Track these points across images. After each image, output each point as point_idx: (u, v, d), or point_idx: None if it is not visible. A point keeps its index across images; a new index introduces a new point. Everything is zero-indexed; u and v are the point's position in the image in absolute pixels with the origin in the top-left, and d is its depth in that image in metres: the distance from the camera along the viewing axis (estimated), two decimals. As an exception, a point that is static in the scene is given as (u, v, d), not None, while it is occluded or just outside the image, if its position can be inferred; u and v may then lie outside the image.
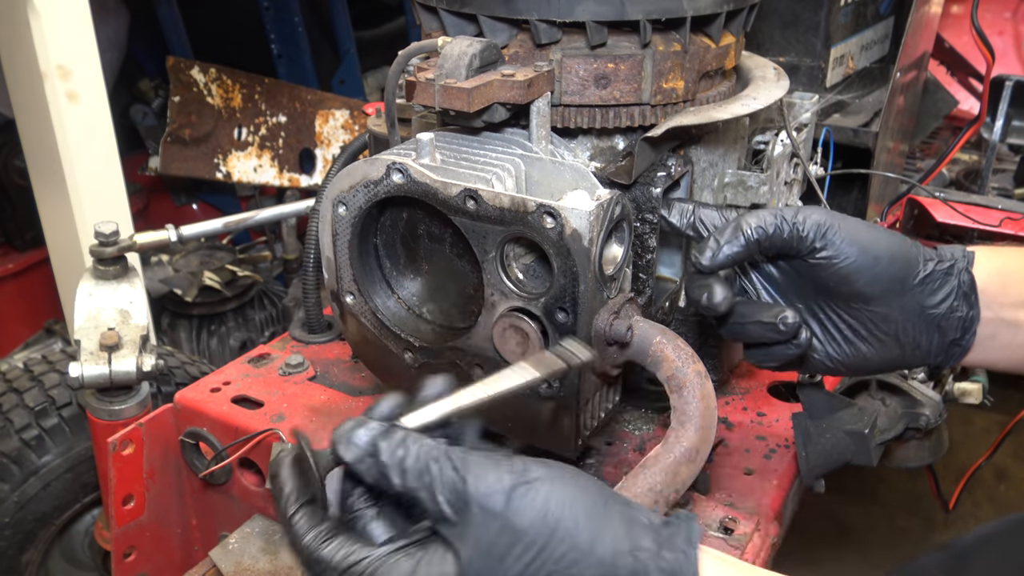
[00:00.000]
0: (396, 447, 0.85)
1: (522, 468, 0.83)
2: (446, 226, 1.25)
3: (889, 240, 1.14)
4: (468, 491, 0.81)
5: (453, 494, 0.82)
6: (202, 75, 3.47)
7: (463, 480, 0.82)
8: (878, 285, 1.13)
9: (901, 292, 1.13)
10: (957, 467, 2.45)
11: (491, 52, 1.21)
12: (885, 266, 1.12)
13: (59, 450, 1.97)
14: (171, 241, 2.08)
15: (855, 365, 1.20)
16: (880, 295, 1.13)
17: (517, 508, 0.80)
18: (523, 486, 0.82)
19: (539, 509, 0.81)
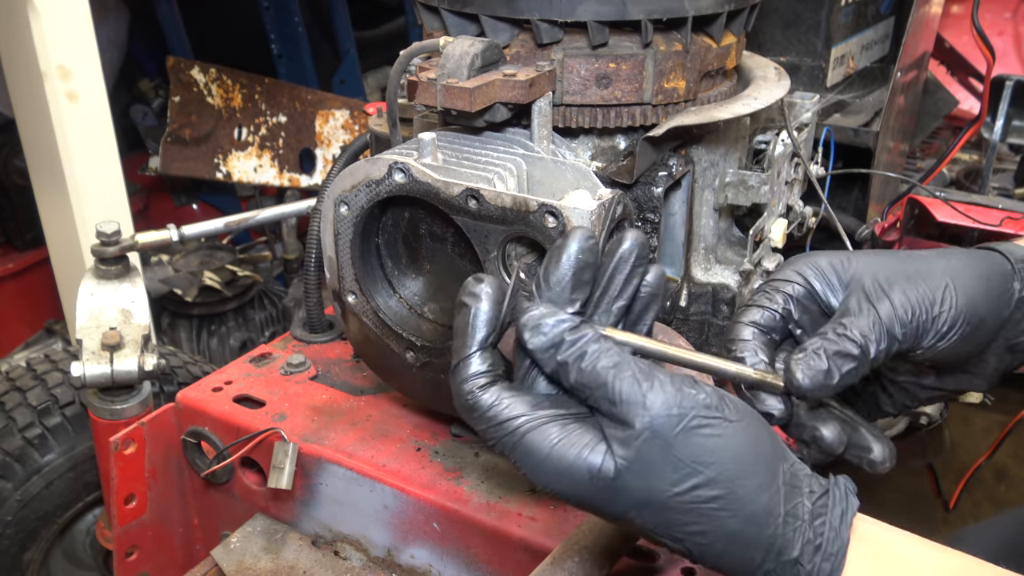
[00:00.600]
0: (581, 345, 0.83)
1: (705, 402, 0.80)
2: (448, 225, 1.25)
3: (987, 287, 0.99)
4: (644, 407, 0.79)
5: (627, 406, 0.79)
6: (202, 75, 3.47)
7: (643, 396, 0.79)
8: (977, 347, 1.01)
9: (993, 341, 1.03)
10: (957, 467, 2.45)
11: (493, 52, 1.21)
12: (988, 325, 0.99)
13: (62, 449, 1.97)
14: (172, 241, 2.08)
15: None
16: (974, 353, 1.03)
17: (686, 441, 0.79)
18: (699, 419, 0.79)
19: (707, 448, 0.79)
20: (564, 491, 0.82)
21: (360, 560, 1.45)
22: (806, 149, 1.61)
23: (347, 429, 1.49)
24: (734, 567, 0.81)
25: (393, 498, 1.37)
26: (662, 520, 0.80)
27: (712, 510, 0.79)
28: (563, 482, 0.81)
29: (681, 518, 0.80)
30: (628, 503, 0.80)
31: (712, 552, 0.81)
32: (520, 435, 0.82)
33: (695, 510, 0.79)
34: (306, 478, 1.46)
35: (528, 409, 0.83)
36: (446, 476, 1.37)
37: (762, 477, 0.81)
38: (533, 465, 0.82)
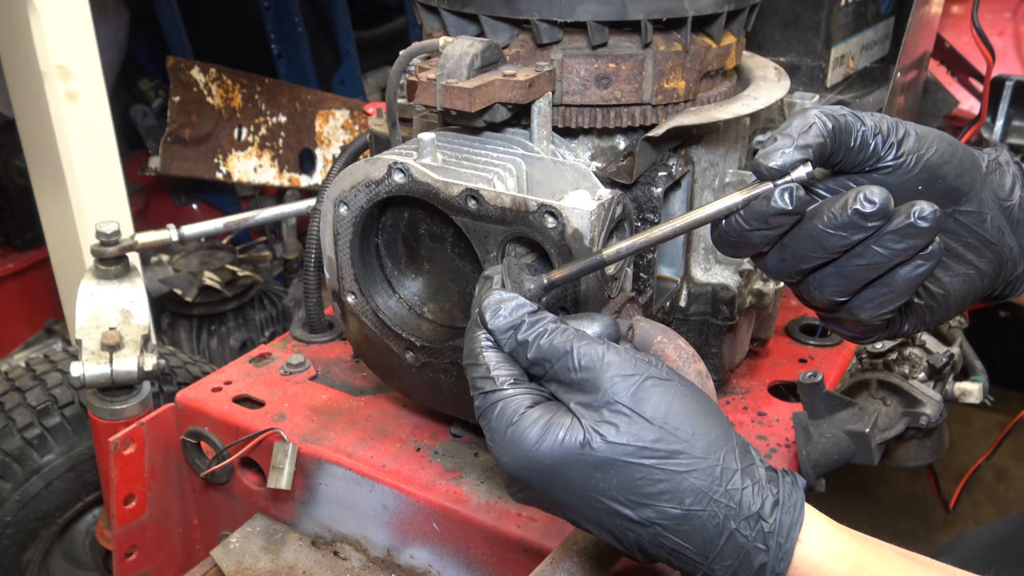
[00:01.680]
0: (541, 325, 0.89)
1: (657, 368, 0.87)
2: (447, 226, 1.25)
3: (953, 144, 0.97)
4: (603, 369, 0.85)
5: (588, 371, 0.85)
6: (202, 75, 3.47)
7: (601, 359, 0.85)
8: (965, 175, 0.96)
9: (982, 181, 0.99)
10: (957, 467, 2.45)
11: (492, 52, 1.21)
12: (962, 153, 0.97)
13: (61, 449, 1.97)
14: (172, 241, 2.08)
15: (962, 294, 1.02)
16: (969, 187, 0.97)
17: (644, 398, 0.84)
18: (653, 380, 0.85)
19: (663, 405, 0.84)
20: (527, 455, 0.85)
21: (360, 560, 1.45)
22: (806, 149, 1.60)
23: (347, 429, 1.49)
24: (700, 531, 0.83)
25: (393, 498, 1.37)
26: (626, 481, 0.83)
27: (673, 465, 0.82)
28: (528, 445, 0.85)
29: (645, 476, 0.82)
30: (594, 466, 0.83)
31: (676, 517, 0.83)
32: (498, 398, 0.88)
33: (657, 467, 0.83)
34: (306, 478, 1.46)
35: (511, 377, 0.89)
36: (445, 476, 1.37)
37: (717, 433, 0.85)
38: (501, 429, 0.86)
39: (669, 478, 0.82)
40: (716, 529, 0.83)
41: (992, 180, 1.01)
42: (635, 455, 0.82)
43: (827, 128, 0.90)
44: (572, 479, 0.85)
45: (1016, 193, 1.02)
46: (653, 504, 0.83)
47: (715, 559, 0.84)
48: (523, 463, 0.85)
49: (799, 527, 0.84)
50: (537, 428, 0.84)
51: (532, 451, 0.84)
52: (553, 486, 0.86)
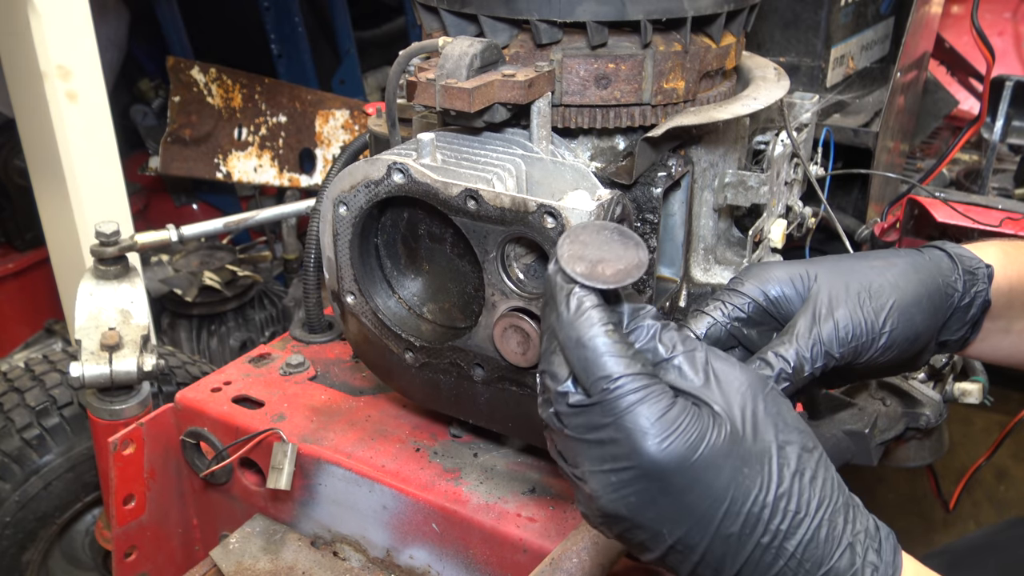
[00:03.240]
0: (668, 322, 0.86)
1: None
2: (447, 226, 1.25)
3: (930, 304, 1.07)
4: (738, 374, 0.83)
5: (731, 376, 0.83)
6: (202, 75, 3.47)
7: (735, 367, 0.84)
8: (910, 358, 1.09)
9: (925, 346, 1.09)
10: (957, 467, 2.45)
11: (492, 52, 1.21)
12: (923, 339, 1.07)
13: (60, 449, 1.97)
14: (172, 241, 2.08)
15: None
16: (906, 363, 1.10)
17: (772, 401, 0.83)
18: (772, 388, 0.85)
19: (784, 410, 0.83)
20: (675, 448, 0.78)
21: (359, 561, 1.45)
22: (806, 149, 1.60)
23: (346, 429, 1.49)
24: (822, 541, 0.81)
25: (392, 499, 1.37)
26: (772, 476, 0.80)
27: (803, 469, 0.81)
28: (678, 436, 0.78)
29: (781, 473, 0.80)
30: (743, 459, 0.79)
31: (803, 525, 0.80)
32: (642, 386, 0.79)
33: (791, 469, 0.81)
34: (305, 478, 1.46)
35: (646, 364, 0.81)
36: (445, 477, 1.37)
37: (821, 449, 0.84)
38: (651, 416, 0.78)
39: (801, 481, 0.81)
40: (834, 542, 0.81)
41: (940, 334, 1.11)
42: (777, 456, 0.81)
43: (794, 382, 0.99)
44: (721, 478, 0.79)
45: (959, 333, 1.12)
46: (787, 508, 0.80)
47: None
48: (675, 456, 0.78)
49: (900, 552, 0.85)
50: (689, 418, 0.79)
51: (688, 444, 0.78)
52: (696, 486, 0.79)
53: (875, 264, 1.07)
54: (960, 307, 1.10)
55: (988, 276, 1.12)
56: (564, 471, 0.85)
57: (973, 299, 1.11)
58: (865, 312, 1.02)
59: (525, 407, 1.23)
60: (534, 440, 1.30)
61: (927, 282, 1.07)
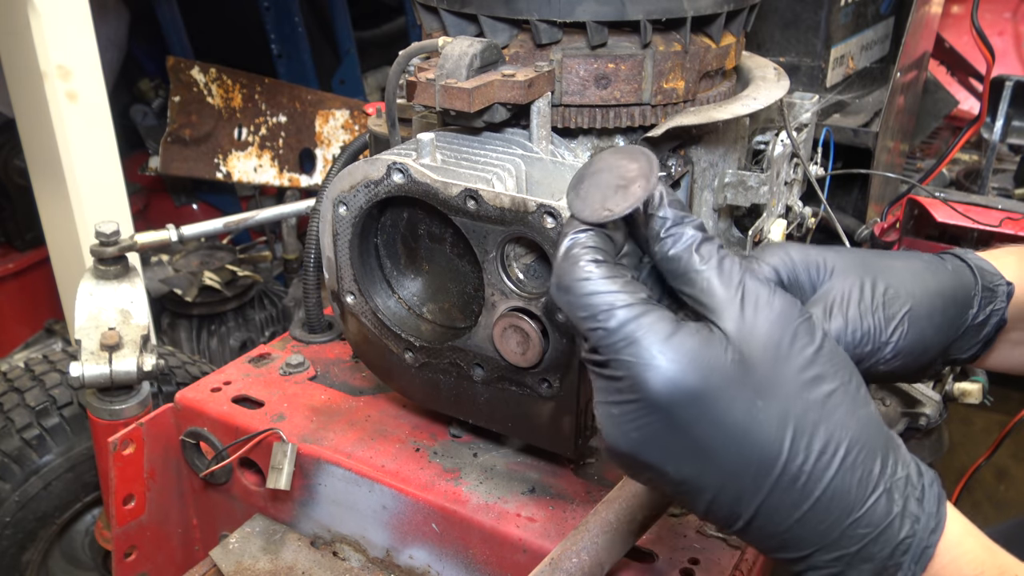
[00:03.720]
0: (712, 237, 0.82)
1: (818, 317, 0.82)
2: (446, 226, 1.25)
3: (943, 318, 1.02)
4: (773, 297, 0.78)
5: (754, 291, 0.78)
6: (202, 75, 3.47)
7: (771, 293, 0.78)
8: (915, 370, 1.04)
9: (932, 360, 1.05)
10: (957, 467, 2.45)
11: (492, 52, 1.21)
12: (931, 353, 1.03)
13: (60, 449, 1.97)
14: (171, 241, 2.08)
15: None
16: (910, 375, 1.06)
17: (807, 329, 0.78)
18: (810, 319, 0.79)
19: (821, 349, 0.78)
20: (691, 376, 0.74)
21: (359, 561, 1.45)
22: (805, 149, 1.60)
23: (346, 429, 1.49)
24: (852, 485, 0.75)
25: (392, 499, 1.37)
26: (787, 411, 0.74)
27: (835, 405, 0.76)
28: (685, 364, 0.74)
29: (806, 413, 0.75)
30: (759, 390, 0.74)
31: (831, 466, 0.75)
32: (641, 312, 0.75)
33: (820, 404, 0.76)
34: (305, 479, 1.46)
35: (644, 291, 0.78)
36: (445, 477, 1.37)
37: (864, 387, 0.80)
38: (649, 346, 0.74)
39: (831, 418, 0.75)
40: (867, 487, 0.76)
41: (952, 347, 1.05)
42: (804, 388, 0.75)
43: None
44: (733, 410, 0.74)
45: (972, 351, 1.07)
46: (812, 447, 0.75)
47: (854, 523, 0.76)
48: (682, 385, 0.73)
49: (945, 501, 0.79)
50: (696, 344, 0.74)
51: (696, 371, 0.73)
52: (704, 419, 0.74)
53: (894, 266, 1.02)
54: (974, 325, 1.05)
55: (1008, 294, 1.06)
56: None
57: (988, 317, 1.06)
58: (875, 318, 0.97)
59: (525, 407, 1.23)
60: (534, 440, 1.30)
61: (944, 294, 1.02)
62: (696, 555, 1.22)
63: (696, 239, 0.80)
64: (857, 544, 0.76)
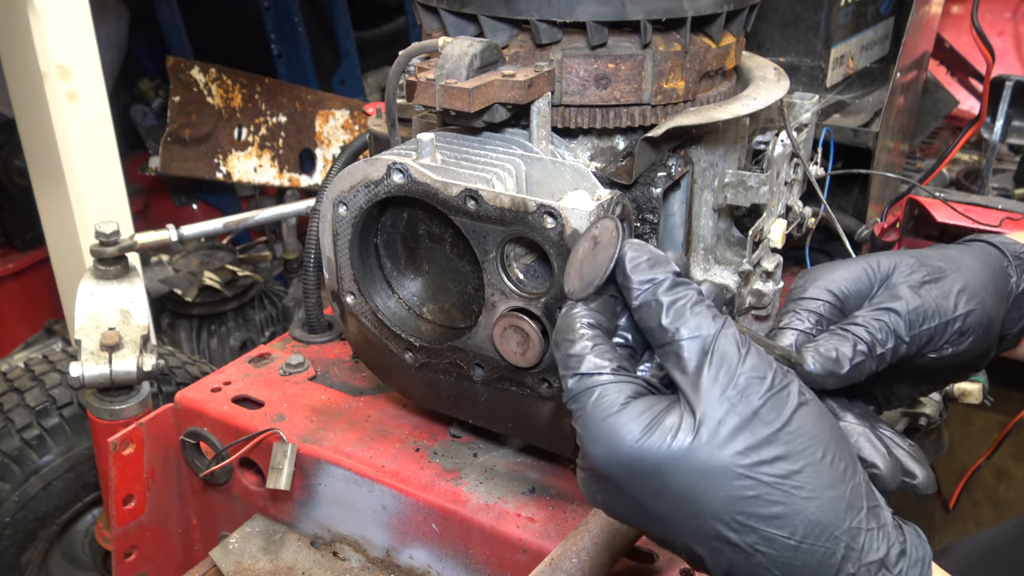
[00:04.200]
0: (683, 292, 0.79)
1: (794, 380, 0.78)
2: (446, 226, 1.25)
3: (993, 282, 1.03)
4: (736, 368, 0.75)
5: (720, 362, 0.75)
6: (202, 75, 3.47)
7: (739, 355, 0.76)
8: (984, 348, 1.04)
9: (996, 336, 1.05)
10: (957, 467, 2.45)
11: (492, 52, 1.21)
12: (995, 327, 1.03)
13: (60, 450, 1.97)
14: (171, 241, 2.08)
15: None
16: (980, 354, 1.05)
17: (771, 407, 0.74)
18: (789, 391, 0.76)
19: (798, 418, 0.75)
20: (626, 452, 0.74)
21: (359, 561, 1.45)
22: (805, 149, 1.60)
23: (346, 430, 1.49)
24: (810, 569, 0.74)
25: (392, 499, 1.37)
26: (735, 497, 0.73)
27: (791, 487, 0.73)
28: (628, 441, 0.74)
29: (756, 494, 0.73)
30: (701, 472, 0.73)
31: (787, 548, 0.74)
32: (596, 384, 0.77)
33: (772, 485, 0.73)
34: (305, 479, 1.46)
35: (614, 363, 0.79)
36: (445, 477, 1.37)
37: (845, 464, 0.76)
38: (594, 421, 0.76)
39: (787, 500, 0.73)
40: (830, 570, 0.74)
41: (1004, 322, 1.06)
42: (753, 469, 0.73)
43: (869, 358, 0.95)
44: (672, 485, 0.74)
45: (1020, 324, 1.08)
46: (761, 529, 0.73)
47: None
48: (620, 459, 0.75)
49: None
50: (641, 421, 0.74)
51: (632, 447, 0.74)
52: (648, 491, 0.75)
53: (933, 253, 1.04)
54: (1020, 293, 1.06)
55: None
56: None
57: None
58: (934, 294, 0.98)
59: (525, 407, 1.23)
60: (534, 440, 1.30)
61: (988, 266, 1.04)
62: None
63: (662, 307, 0.78)
64: None
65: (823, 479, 0.74)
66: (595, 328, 0.81)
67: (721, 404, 0.74)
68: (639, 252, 0.81)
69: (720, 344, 0.76)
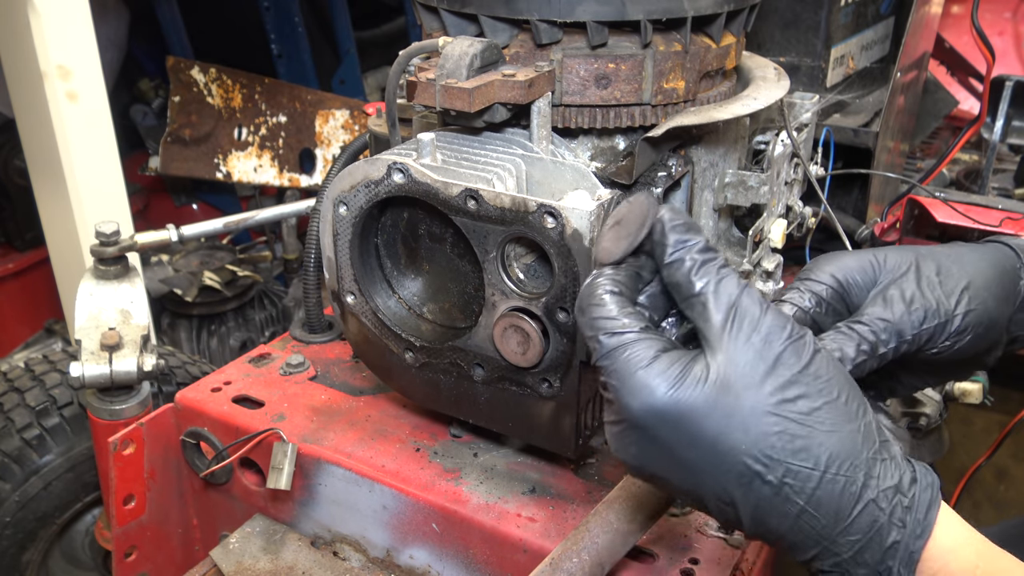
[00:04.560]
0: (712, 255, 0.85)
1: (808, 332, 0.83)
2: (447, 226, 1.25)
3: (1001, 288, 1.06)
4: (758, 319, 0.81)
5: (743, 315, 0.81)
6: (202, 75, 3.47)
7: (762, 310, 0.82)
8: (986, 346, 1.07)
9: (999, 336, 1.08)
10: (957, 467, 2.45)
11: (492, 52, 1.21)
12: (999, 325, 1.05)
13: (60, 450, 1.97)
14: (171, 241, 2.08)
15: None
16: (982, 352, 1.08)
17: (792, 351, 0.80)
18: (801, 338, 0.82)
19: (808, 362, 0.81)
20: (659, 402, 0.80)
21: (359, 561, 1.45)
22: (806, 149, 1.60)
23: (346, 429, 1.49)
24: (834, 497, 0.79)
25: (392, 499, 1.37)
26: (763, 434, 0.78)
27: (814, 423, 0.79)
28: (660, 391, 0.80)
29: (784, 430, 0.78)
30: (731, 414, 0.79)
31: (812, 478, 0.79)
32: (627, 341, 0.82)
33: (797, 421, 0.79)
34: (305, 479, 1.46)
35: (641, 323, 0.84)
36: (445, 477, 1.37)
37: (858, 404, 0.82)
38: (628, 372, 0.81)
39: (809, 435, 0.79)
40: (852, 497, 0.79)
41: (1012, 323, 1.08)
42: (778, 407, 0.79)
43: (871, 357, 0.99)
44: (705, 428, 0.79)
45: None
46: (788, 462, 0.78)
47: (843, 531, 0.80)
48: (655, 409, 0.80)
49: (937, 507, 0.82)
50: (674, 370, 0.80)
51: (667, 395, 0.80)
52: (681, 438, 0.80)
53: (941, 251, 1.07)
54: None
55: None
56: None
57: None
58: (936, 293, 1.01)
59: (525, 407, 1.23)
60: (534, 440, 1.30)
61: (996, 266, 1.06)
62: (696, 555, 1.22)
63: (694, 264, 0.84)
64: (850, 551, 0.81)
65: (840, 415, 0.80)
66: (619, 294, 0.86)
67: (747, 350, 0.80)
68: (676, 216, 0.86)
69: (744, 300, 0.82)
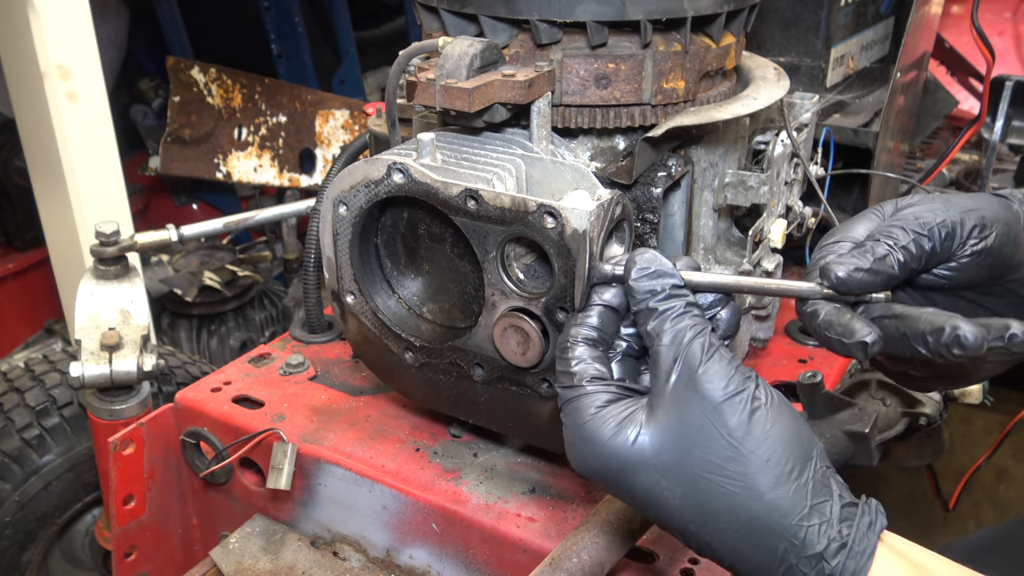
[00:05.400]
0: (676, 302, 0.88)
1: (755, 386, 0.84)
2: (447, 226, 1.25)
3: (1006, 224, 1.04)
4: (698, 372, 0.83)
5: (686, 367, 0.83)
6: (202, 75, 3.47)
7: (706, 360, 0.83)
8: (1018, 249, 1.04)
9: (1008, 273, 1.06)
10: (957, 467, 2.45)
11: (492, 52, 1.21)
12: (1014, 227, 1.04)
13: (60, 449, 1.97)
14: (171, 241, 2.08)
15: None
16: (1020, 259, 1.05)
17: (730, 411, 0.81)
18: (746, 395, 0.83)
19: (746, 424, 0.82)
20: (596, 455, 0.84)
21: (359, 561, 1.45)
22: (806, 149, 1.60)
23: (346, 429, 1.49)
24: (754, 559, 0.81)
25: (392, 499, 1.37)
26: (691, 493, 0.81)
27: (739, 488, 0.81)
28: (598, 444, 0.83)
29: (708, 492, 0.81)
30: (661, 473, 0.82)
31: (735, 540, 0.81)
32: (578, 393, 0.87)
33: (721, 485, 0.81)
34: (305, 479, 1.46)
35: (598, 373, 0.88)
36: (445, 477, 1.37)
37: (792, 465, 0.82)
38: (569, 427, 0.86)
39: (733, 500, 0.81)
40: (774, 560, 0.81)
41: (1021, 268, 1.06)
42: (705, 468, 0.81)
43: (900, 262, 0.97)
44: (638, 483, 0.83)
45: None
46: (714, 522, 0.82)
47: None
48: (590, 462, 0.85)
49: (864, 574, 0.81)
50: (609, 427, 0.84)
51: (600, 450, 0.84)
52: (620, 488, 0.85)
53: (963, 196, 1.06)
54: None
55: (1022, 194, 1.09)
56: None
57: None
58: (942, 204, 1.01)
59: (525, 407, 1.23)
60: (534, 440, 1.30)
61: (1008, 212, 1.05)
62: (696, 555, 1.22)
63: (652, 313, 0.87)
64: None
65: (767, 480, 0.81)
66: (589, 340, 0.90)
67: (678, 407, 0.82)
68: (647, 264, 0.89)
69: (690, 351, 0.84)
